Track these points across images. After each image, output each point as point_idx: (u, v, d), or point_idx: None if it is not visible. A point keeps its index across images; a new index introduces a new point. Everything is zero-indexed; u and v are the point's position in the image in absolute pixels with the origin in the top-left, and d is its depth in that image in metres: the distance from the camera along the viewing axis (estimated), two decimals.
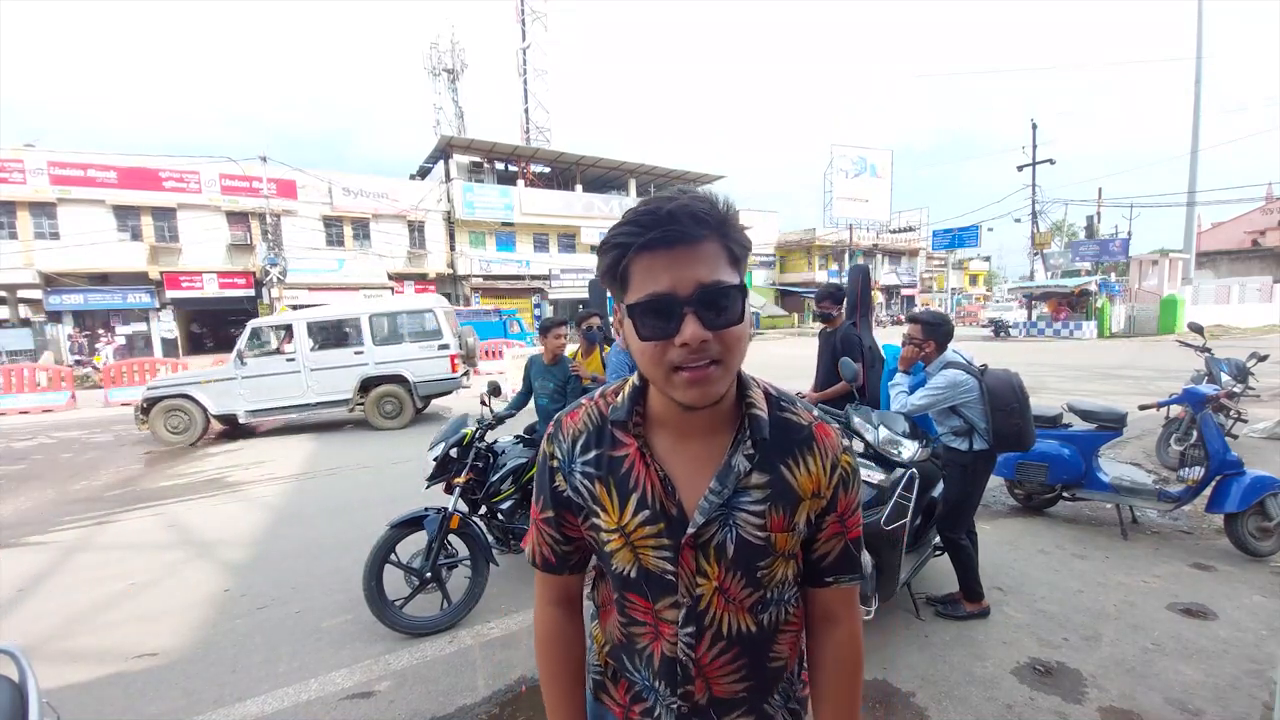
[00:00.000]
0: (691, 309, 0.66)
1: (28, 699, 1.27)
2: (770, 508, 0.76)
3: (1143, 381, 10.14)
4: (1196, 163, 24.01)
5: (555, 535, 0.86)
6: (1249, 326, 23.18)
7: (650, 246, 0.66)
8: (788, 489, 0.77)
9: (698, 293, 0.66)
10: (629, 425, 0.79)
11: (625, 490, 0.78)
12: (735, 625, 0.79)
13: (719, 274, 0.67)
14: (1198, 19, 23.90)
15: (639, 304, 0.68)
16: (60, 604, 3.43)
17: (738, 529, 0.76)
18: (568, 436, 0.84)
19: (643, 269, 0.68)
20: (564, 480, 0.83)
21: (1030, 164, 27.62)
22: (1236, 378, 5.97)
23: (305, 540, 4.29)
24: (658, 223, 0.66)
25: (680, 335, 0.66)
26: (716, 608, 0.78)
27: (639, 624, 0.83)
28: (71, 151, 19.17)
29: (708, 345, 0.67)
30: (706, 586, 0.77)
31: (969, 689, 2.35)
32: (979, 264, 50.21)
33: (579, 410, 0.85)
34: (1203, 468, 3.59)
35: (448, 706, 2.39)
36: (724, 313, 0.67)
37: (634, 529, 0.78)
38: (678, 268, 0.66)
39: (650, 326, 0.68)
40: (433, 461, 3.20)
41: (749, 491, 0.76)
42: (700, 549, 0.76)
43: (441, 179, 25.40)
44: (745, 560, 0.77)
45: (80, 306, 19.52)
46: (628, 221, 0.68)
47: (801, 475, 0.78)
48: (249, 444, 8.03)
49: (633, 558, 0.79)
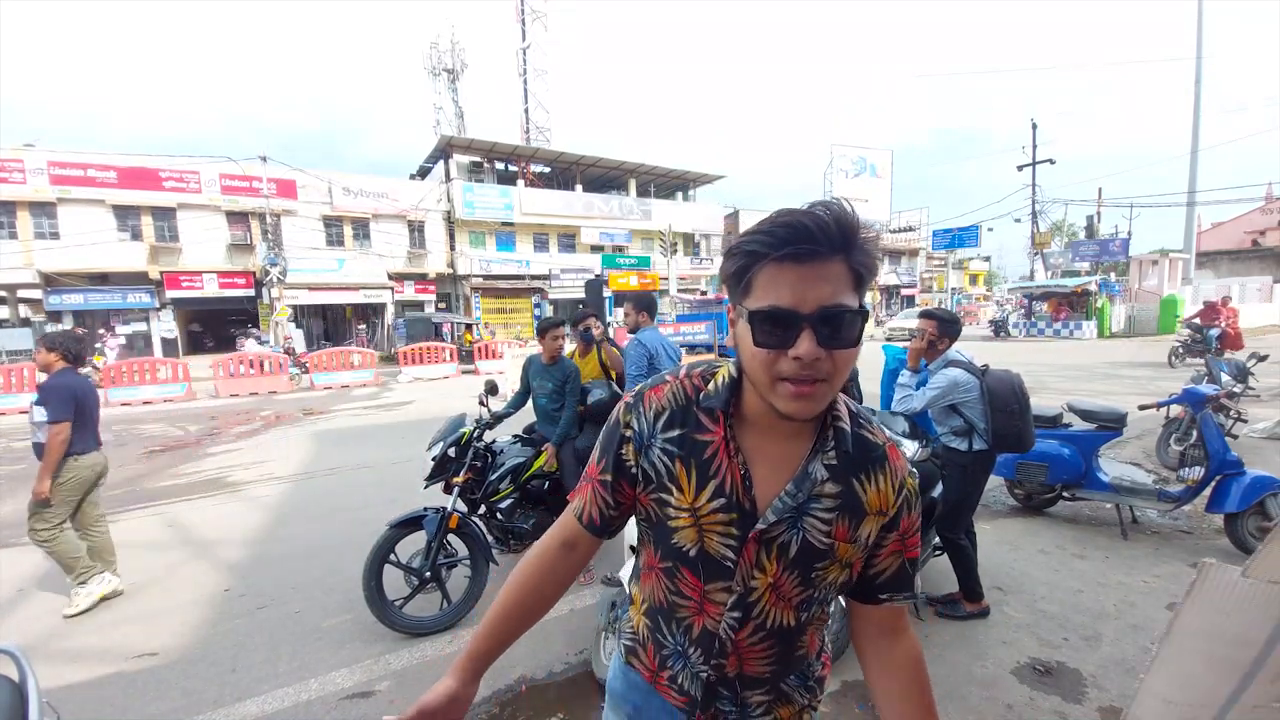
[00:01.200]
0: (810, 326, 0.67)
1: (28, 699, 1.27)
2: (838, 517, 0.79)
3: (1143, 381, 10.14)
4: (1196, 163, 24.01)
5: (607, 498, 0.88)
6: (1249, 326, 23.17)
7: (780, 260, 0.67)
8: (857, 503, 0.80)
9: (819, 312, 0.67)
10: (720, 414, 0.81)
11: (705, 475, 0.80)
12: (779, 619, 0.83)
13: (842, 296, 0.68)
14: (1198, 19, 23.90)
15: (760, 312, 0.69)
16: (60, 604, 3.43)
17: (804, 532, 0.79)
18: (650, 409, 0.84)
19: (768, 279, 0.69)
20: (635, 453, 0.84)
21: (1030, 164, 27.62)
22: (1236, 378, 5.97)
23: (305, 540, 4.29)
24: (792, 238, 0.67)
25: (795, 349, 0.68)
26: (767, 601, 0.82)
27: (685, 597, 0.86)
28: (71, 151, 19.15)
29: (819, 363, 0.68)
30: (761, 581, 0.81)
31: (969, 689, 2.35)
32: (979, 264, 50.16)
33: (664, 386, 0.86)
34: (1203, 468, 3.59)
35: None
36: (840, 334, 0.69)
37: (706, 513, 0.80)
38: (803, 285, 0.67)
39: (768, 335, 0.69)
40: (431, 461, 3.20)
41: (821, 499, 0.79)
42: (764, 545, 0.79)
43: (441, 179, 25.37)
44: (805, 561, 0.80)
45: (80, 306, 19.49)
46: (762, 231, 0.69)
47: (871, 492, 0.80)
48: (249, 444, 8.03)
49: (697, 538, 0.81)
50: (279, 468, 6.53)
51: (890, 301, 40.18)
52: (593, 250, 28.47)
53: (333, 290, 22.39)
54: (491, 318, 25.48)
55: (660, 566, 0.87)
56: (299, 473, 6.29)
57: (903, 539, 0.84)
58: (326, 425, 9.26)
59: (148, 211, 20.03)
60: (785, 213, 0.69)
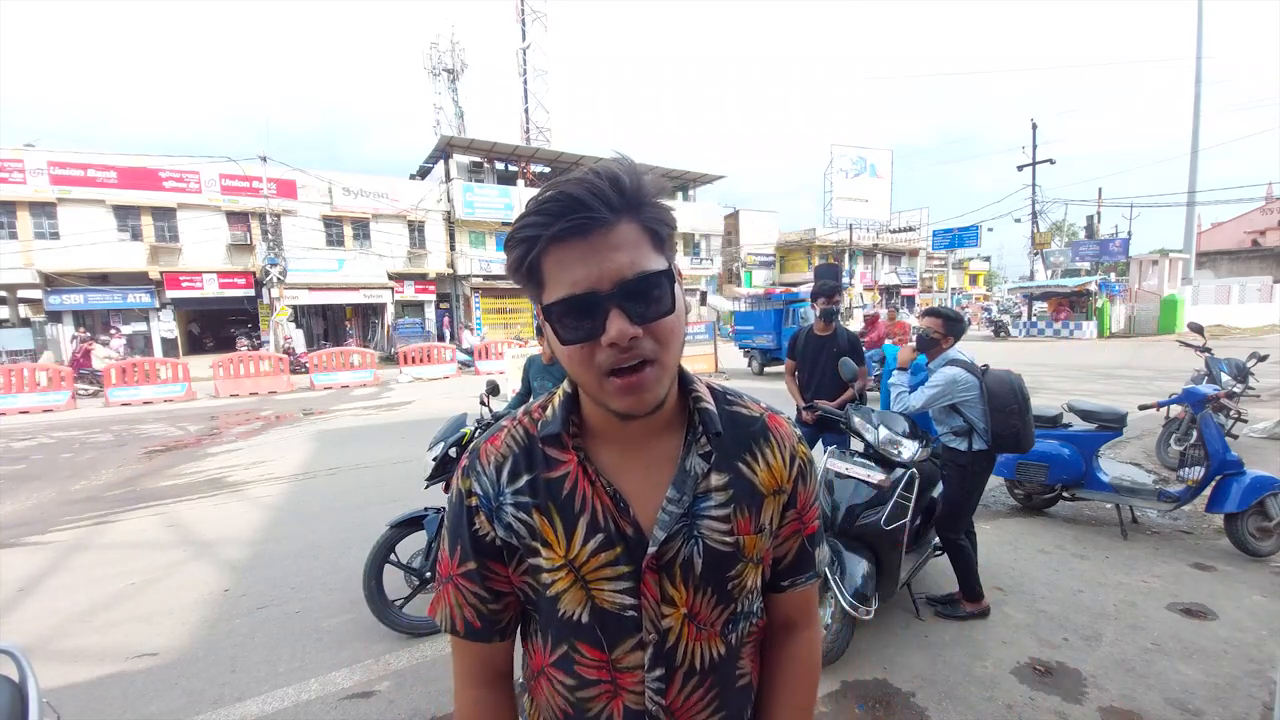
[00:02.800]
0: (615, 304, 0.58)
1: (28, 699, 1.27)
2: (735, 510, 0.69)
3: (1143, 381, 10.14)
4: (1196, 163, 24.03)
5: (480, 592, 0.71)
6: (1249, 326, 23.19)
7: (560, 238, 0.58)
8: (750, 487, 0.70)
9: (619, 286, 0.58)
10: (565, 437, 0.69)
11: (571, 515, 0.67)
12: (706, 654, 0.70)
13: (641, 261, 0.59)
14: (1198, 19, 23.90)
15: (556, 305, 0.59)
16: (60, 604, 3.43)
17: (703, 539, 0.67)
18: (490, 465, 0.71)
19: (555, 264, 0.59)
20: (488, 521, 0.70)
21: (1030, 164, 27.62)
22: (1236, 378, 5.97)
23: (305, 540, 4.29)
24: (564, 210, 0.57)
25: (606, 334, 0.58)
26: (687, 639, 0.68)
27: (591, 684, 0.69)
28: (71, 151, 19.14)
29: (639, 342, 0.59)
30: (674, 616, 0.67)
31: (969, 689, 2.35)
32: (979, 264, 50.19)
33: (499, 434, 0.73)
34: (1203, 468, 3.59)
35: (448, 706, 2.39)
36: (653, 304, 0.60)
37: (584, 560, 0.67)
38: (594, 259, 0.58)
39: (571, 329, 0.60)
40: (432, 461, 3.20)
41: (710, 495, 0.68)
42: (664, 571, 0.67)
43: (441, 179, 25.37)
44: (715, 573, 0.68)
45: (80, 306, 19.49)
46: (532, 211, 0.59)
47: (762, 470, 0.71)
48: (249, 444, 8.03)
49: (584, 597, 0.67)
50: (279, 468, 6.53)
51: (890, 301, 40.16)
52: None
53: (333, 290, 22.37)
54: (491, 318, 25.48)
55: (550, 661, 0.71)
56: (299, 473, 6.29)
57: (800, 515, 0.75)
58: (326, 425, 9.26)
59: (148, 211, 20.02)
60: (553, 183, 0.59)
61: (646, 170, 0.62)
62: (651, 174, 0.62)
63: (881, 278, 38.86)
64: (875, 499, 2.55)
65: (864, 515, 2.53)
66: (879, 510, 2.51)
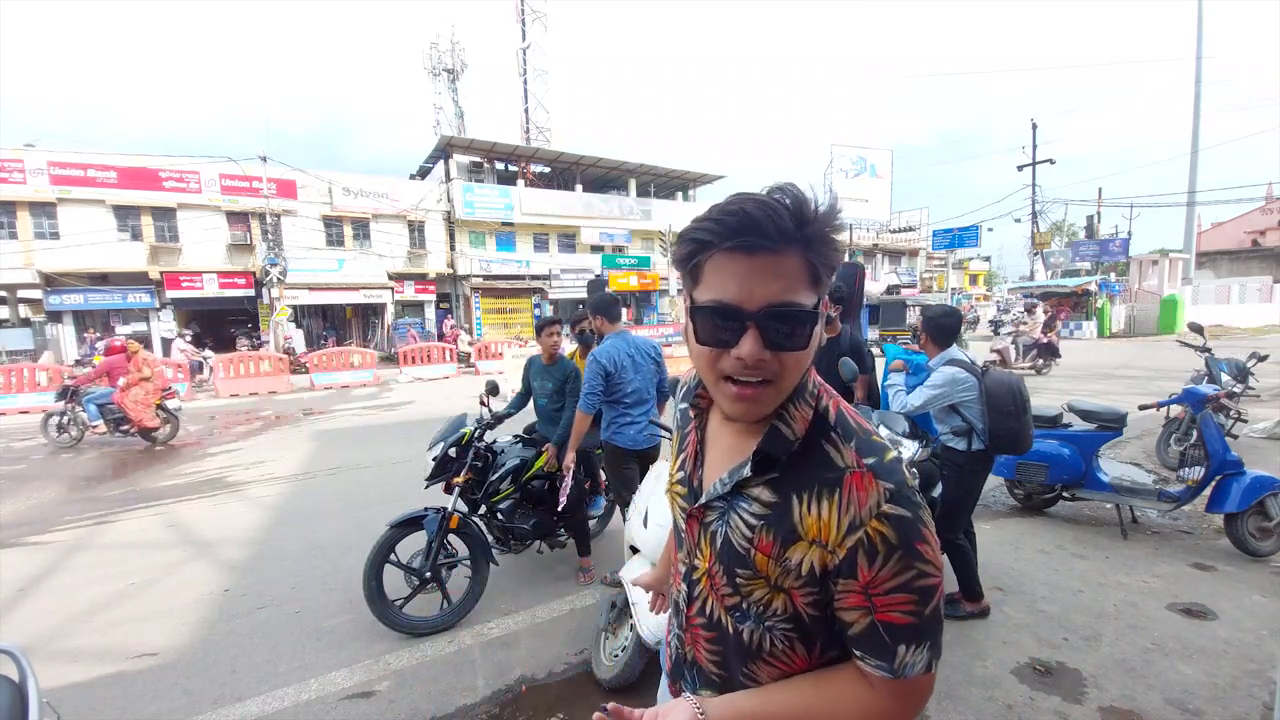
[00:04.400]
0: (755, 324, 0.63)
1: (28, 699, 1.27)
2: (764, 527, 0.71)
3: (1143, 381, 10.14)
4: (1196, 163, 24.00)
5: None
6: (1249, 326, 23.19)
7: (728, 250, 0.63)
8: (788, 521, 0.69)
9: (766, 310, 0.63)
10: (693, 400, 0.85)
11: (681, 447, 0.89)
12: (716, 614, 0.80)
13: (793, 293, 0.63)
14: (1198, 19, 23.90)
15: (703, 307, 0.65)
16: (60, 604, 3.43)
17: (729, 527, 0.75)
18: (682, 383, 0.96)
19: (715, 270, 0.65)
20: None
21: (1030, 164, 27.62)
22: (1236, 378, 5.97)
23: (305, 540, 4.29)
24: (741, 228, 0.62)
25: (738, 349, 0.63)
26: (704, 586, 0.80)
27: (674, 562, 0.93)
28: (71, 151, 19.14)
29: (764, 364, 0.64)
30: (701, 564, 0.80)
31: (969, 689, 2.35)
32: (979, 264, 50.15)
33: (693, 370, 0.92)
34: (1203, 468, 3.59)
35: (448, 706, 2.39)
36: (789, 336, 0.64)
37: (674, 482, 0.89)
38: (751, 279, 0.63)
39: (710, 332, 0.66)
40: (432, 461, 3.20)
41: (749, 500, 0.73)
42: (702, 527, 0.79)
43: (441, 179, 25.36)
44: (727, 559, 0.75)
45: (80, 306, 19.48)
46: (712, 218, 0.64)
47: (809, 516, 0.68)
48: (249, 444, 8.03)
49: (672, 504, 0.90)
50: (279, 468, 6.53)
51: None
52: (593, 250, 28.46)
53: (333, 290, 22.36)
54: (492, 318, 25.47)
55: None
56: (299, 473, 6.29)
57: (867, 594, 0.67)
58: (326, 425, 9.25)
59: (148, 211, 20.02)
60: (738, 198, 0.64)
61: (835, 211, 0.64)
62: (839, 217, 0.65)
63: (881, 278, 38.85)
64: None
65: None
66: None
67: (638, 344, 3.40)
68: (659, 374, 3.48)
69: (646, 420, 3.36)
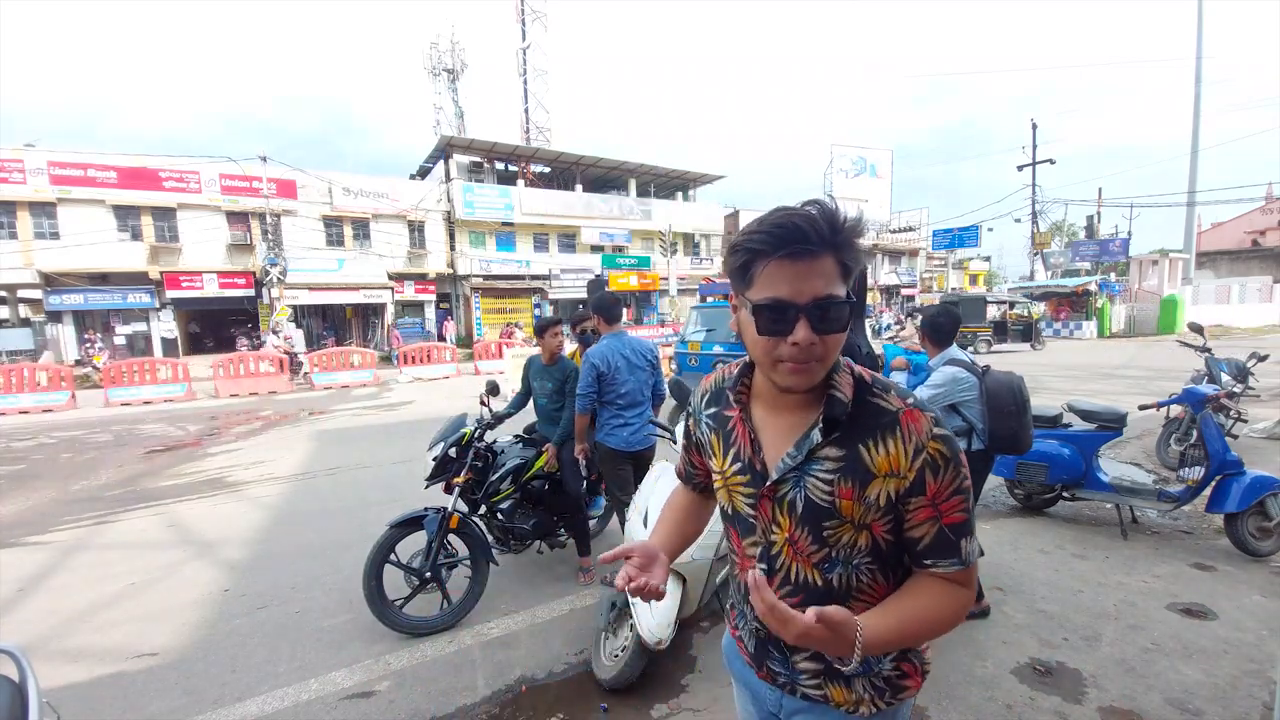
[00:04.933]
0: (805, 315, 0.78)
1: (28, 699, 1.27)
2: (840, 478, 0.86)
3: (1143, 381, 10.14)
4: (1196, 163, 24.01)
5: (687, 459, 1.15)
6: (1249, 326, 23.19)
7: (779, 258, 0.78)
8: (861, 465, 0.85)
9: (812, 303, 0.78)
10: (733, 394, 0.96)
11: (728, 444, 0.98)
12: (802, 575, 0.91)
13: (832, 288, 0.79)
14: (1198, 19, 23.89)
15: (762, 304, 0.80)
16: (60, 604, 3.43)
17: (806, 490, 0.88)
18: (701, 391, 1.07)
19: (768, 274, 0.80)
20: (694, 425, 1.08)
21: (1030, 164, 27.63)
22: (1236, 378, 5.97)
23: (305, 540, 4.29)
24: (789, 238, 0.77)
25: (793, 336, 0.79)
26: (786, 555, 0.92)
27: (734, 552, 1.01)
28: (71, 151, 19.14)
29: (814, 347, 0.80)
30: (779, 535, 0.92)
31: (969, 689, 2.35)
32: (979, 264, 50.15)
33: (715, 373, 1.07)
34: (1203, 468, 3.59)
35: (448, 706, 2.39)
36: (831, 322, 0.80)
37: (730, 475, 0.97)
38: (798, 279, 0.78)
39: (769, 324, 0.80)
40: (432, 461, 3.20)
41: (821, 461, 0.87)
42: (776, 502, 0.91)
43: (441, 179, 25.36)
44: (813, 518, 0.88)
45: (80, 306, 19.49)
46: (763, 230, 0.79)
47: (879, 455, 0.84)
48: (249, 444, 8.03)
49: (729, 499, 0.98)
50: (279, 468, 6.53)
51: (890, 301, 40.17)
52: (593, 250, 28.46)
53: (333, 290, 22.37)
54: (492, 318, 25.46)
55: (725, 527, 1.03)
56: (299, 473, 6.29)
57: (935, 504, 0.85)
58: (326, 425, 9.25)
59: (148, 211, 20.03)
60: (782, 213, 0.79)
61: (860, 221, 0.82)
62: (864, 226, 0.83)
63: (882, 278, 38.85)
64: None
65: None
66: None
67: (634, 345, 3.39)
68: (654, 376, 3.48)
69: (641, 422, 3.35)
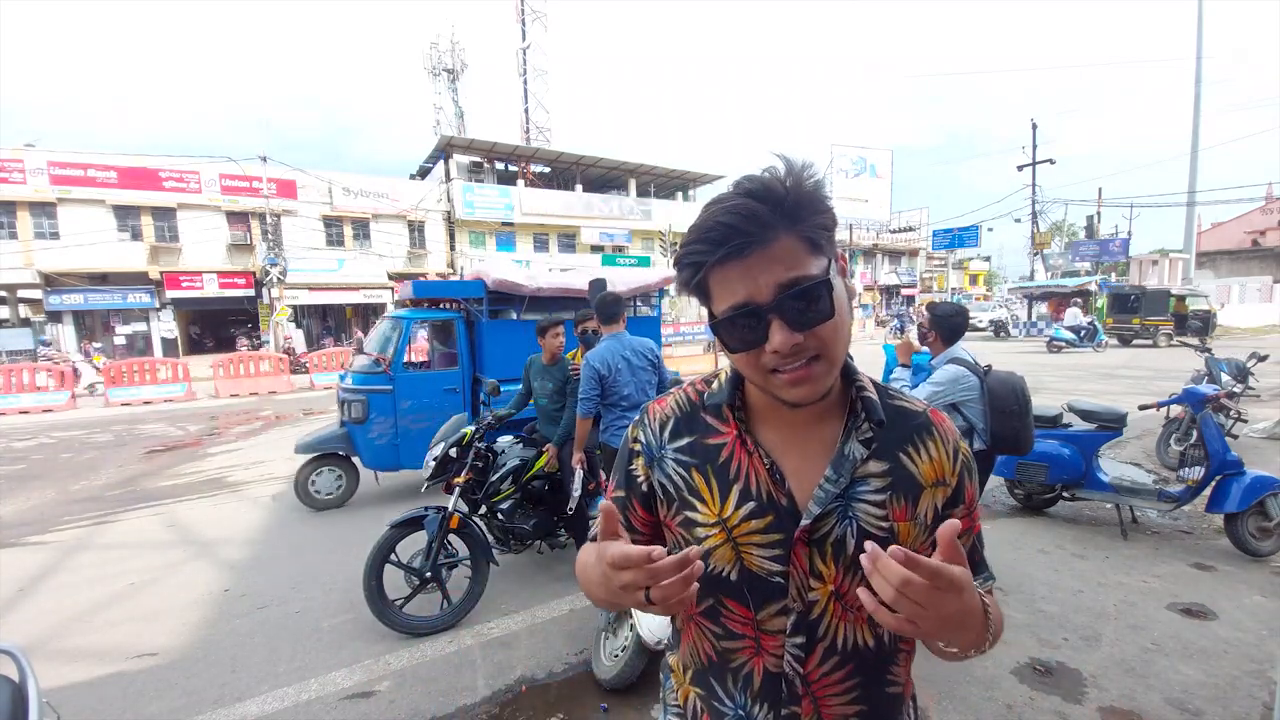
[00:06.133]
0: (775, 314, 0.62)
1: (28, 699, 1.27)
2: (892, 497, 0.70)
3: (1143, 381, 10.14)
4: (1196, 163, 24.01)
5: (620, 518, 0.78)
6: (1249, 326, 23.19)
7: (722, 261, 0.63)
8: (909, 477, 0.71)
9: (778, 296, 0.62)
10: (728, 410, 0.74)
11: (725, 480, 0.72)
12: (852, 638, 0.71)
13: (798, 269, 0.63)
14: (1198, 19, 23.90)
15: (722, 321, 0.65)
16: (60, 604, 3.43)
17: (857, 520, 0.69)
18: (655, 421, 0.79)
19: (719, 282, 0.65)
20: (645, 468, 0.78)
21: (1030, 164, 27.62)
22: (1236, 378, 5.97)
23: (305, 540, 4.29)
24: (724, 238, 0.62)
25: (770, 343, 0.63)
26: (832, 615, 0.70)
27: (737, 637, 0.73)
28: (71, 151, 19.14)
29: (801, 346, 0.63)
30: (822, 590, 0.69)
31: (969, 689, 2.35)
32: (979, 264, 50.17)
33: (668, 397, 0.82)
34: (1203, 468, 3.59)
35: (448, 706, 2.39)
36: (811, 310, 0.63)
37: (737, 523, 0.71)
38: (752, 275, 0.63)
39: (737, 338, 0.65)
40: (432, 461, 3.20)
41: (867, 480, 0.70)
42: (815, 545, 0.69)
43: (441, 179, 25.37)
44: None
45: (80, 306, 19.50)
46: (697, 239, 0.65)
47: (924, 463, 0.72)
48: (249, 444, 8.03)
49: (734, 556, 0.71)
50: (279, 468, 6.53)
51: (890, 301, 40.18)
52: (593, 250, 28.45)
53: (333, 290, 22.38)
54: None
55: (700, 611, 0.75)
56: None
57: (970, 512, 0.74)
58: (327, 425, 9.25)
59: (148, 211, 20.03)
60: (710, 209, 0.64)
61: (805, 172, 0.64)
62: (810, 175, 0.64)
63: (881, 278, 38.87)
64: None
65: None
66: None
67: (634, 345, 3.39)
68: (658, 374, 3.48)
69: None
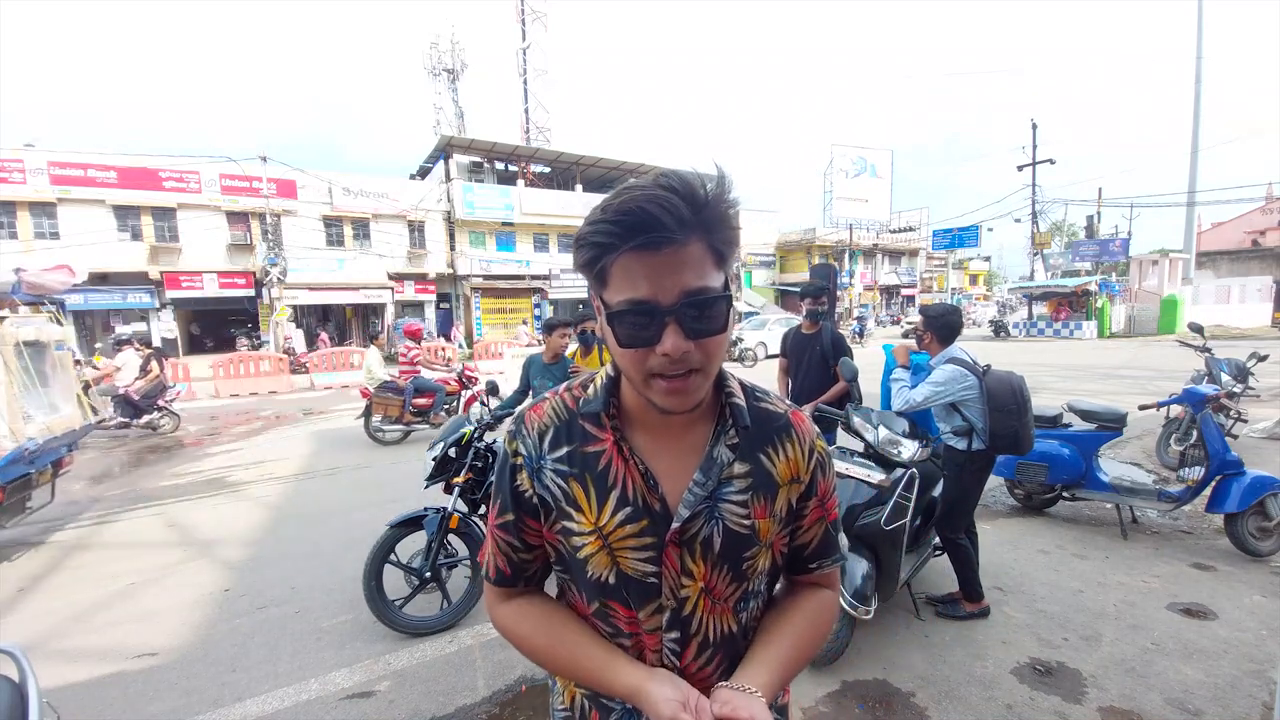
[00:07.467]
0: (674, 319, 0.62)
1: (28, 699, 1.27)
2: (753, 496, 0.75)
3: (1143, 381, 10.14)
4: (1196, 163, 24.05)
5: (514, 542, 0.80)
6: (1249, 326, 23.18)
7: (636, 250, 0.61)
8: (767, 477, 0.76)
9: (681, 302, 0.62)
10: (604, 418, 0.74)
11: (604, 487, 0.74)
12: (719, 628, 0.77)
13: (704, 279, 0.63)
14: (1198, 19, 23.90)
15: (619, 311, 0.64)
16: (60, 604, 3.43)
17: (723, 520, 0.74)
18: (533, 431, 0.78)
19: (622, 270, 0.63)
20: (529, 480, 0.77)
21: (1030, 164, 27.62)
22: (1236, 378, 5.96)
23: (305, 540, 4.29)
24: (641, 226, 0.60)
25: (661, 345, 0.63)
26: (702, 610, 0.75)
27: (625, 636, 0.76)
28: (71, 151, 19.13)
29: (689, 355, 0.64)
30: (692, 587, 0.74)
31: (969, 689, 2.35)
32: (979, 264, 50.19)
33: (543, 404, 0.80)
34: (1203, 468, 3.59)
35: (448, 706, 2.39)
36: (707, 321, 0.64)
37: (612, 529, 0.73)
38: (660, 274, 0.62)
39: (630, 335, 0.64)
40: (432, 461, 3.20)
41: (732, 482, 0.74)
42: (685, 545, 0.73)
43: (441, 179, 25.36)
44: (732, 552, 0.74)
45: (80, 306, 19.46)
46: (607, 219, 0.61)
47: (780, 462, 0.77)
48: (249, 444, 8.03)
49: (610, 562, 0.74)
50: (279, 468, 6.53)
51: (891, 302, 40.17)
52: None
53: (333, 290, 22.38)
54: (491, 318, 25.46)
55: (590, 613, 0.78)
56: (299, 473, 6.29)
57: (823, 504, 0.82)
58: (326, 425, 9.26)
59: (148, 211, 20.02)
60: (629, 194, 0.62)
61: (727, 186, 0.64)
62: (731, 190, 0.65)
63: (881, 278, 38.86)
64: (875, 499, 2.55)
65: (864, 515, 2.53)
66: (879, 510, 2.51)
67: None
68: None
69: None
